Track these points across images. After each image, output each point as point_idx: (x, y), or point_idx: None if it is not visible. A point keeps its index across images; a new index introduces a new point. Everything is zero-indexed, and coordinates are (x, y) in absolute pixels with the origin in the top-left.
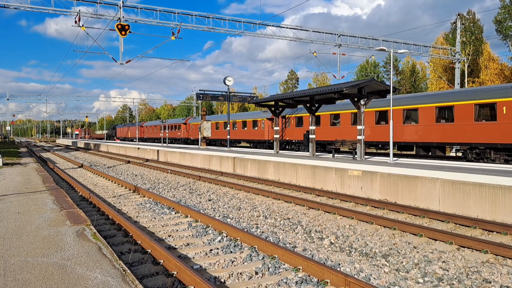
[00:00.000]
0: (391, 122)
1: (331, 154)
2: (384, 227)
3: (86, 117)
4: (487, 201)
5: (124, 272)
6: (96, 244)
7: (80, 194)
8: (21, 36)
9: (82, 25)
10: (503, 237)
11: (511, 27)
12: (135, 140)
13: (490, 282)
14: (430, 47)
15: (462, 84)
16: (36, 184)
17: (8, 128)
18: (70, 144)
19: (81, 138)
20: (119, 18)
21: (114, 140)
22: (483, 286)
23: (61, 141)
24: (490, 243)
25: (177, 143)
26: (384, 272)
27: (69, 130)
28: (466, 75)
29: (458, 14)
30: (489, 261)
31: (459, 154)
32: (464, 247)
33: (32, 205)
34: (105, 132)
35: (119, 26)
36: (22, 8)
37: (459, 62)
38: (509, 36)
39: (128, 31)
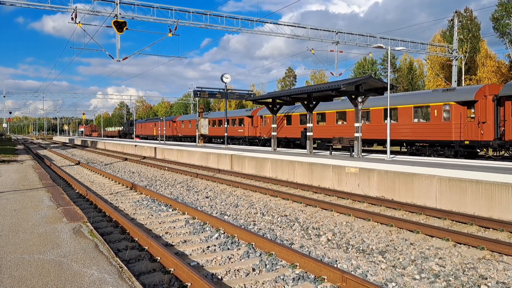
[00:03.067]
0: (388, 119)
1: (328, 152)
2: (381, 224)
3: (83, 114)
4: (483, 198)
5: (121, 269)
6: (93, 241)
7: (77, 191)
8: (18, 33)
9: (79, 22)
10: (500, 233)
11: (508, 24)
12: (160, 139)
13: (486, 279)
14: (427, 44)
15: (459, 82)
16: (32, 182)
17: (4, 125)
18: (67, 142)
19: (87, 136)
20: (116, 15)
21: (133, 138)
22: (479, 283)
23: (58, 138)
24: (487, 240)
25: (237, 144)
26: (381, 268)
27: (66, 127)
28: (463, 73)
29: (456, 12)
30: (486, 258)
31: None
32: (460, 244)
33: (29, 202)
34: (119, 128)
35: (116, 23)
36: (19, 4)
37: (456, 60)
38: (506, 34)
39: (125, 28)
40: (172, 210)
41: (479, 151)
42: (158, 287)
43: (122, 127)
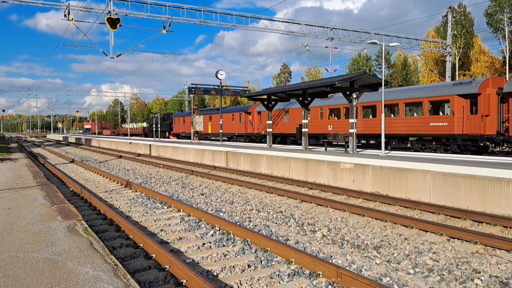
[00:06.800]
0: (382, 115)
1: (324, 148)
2: (376, 219)
3: (77, 111)
4: (477, 193)
5: (116, 267)
6: (88, 239)
7: (71, 189)
8: (12, 30)
9: (72, 19)
10: (493, 228)
11: (501, 20)
12: (216, 137)
13: (480, 272)
14: (421, 40)
15: (453, 77)
16: (26, 180)
17: None
18: (61, 139)
19: (95, 134)
20: (109, 11)
21: (168, 138)
22: (472, 276)
23: (52, 136)
24: (480, 234)
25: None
26: (376, 263)
27: (59, 125)
28: (457, 68)
29: (449, 7)
30: (479, 252)
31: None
32: (454, 238)
33: (23, 200)
34: (142, 125)
35: (109, 20)
36: (11, 1)
37: (450, 55)
38: (499, 29)
39: (118, 24)
40: (167, 208)
41: None
42: (153, 284)
43: (148, 123)
